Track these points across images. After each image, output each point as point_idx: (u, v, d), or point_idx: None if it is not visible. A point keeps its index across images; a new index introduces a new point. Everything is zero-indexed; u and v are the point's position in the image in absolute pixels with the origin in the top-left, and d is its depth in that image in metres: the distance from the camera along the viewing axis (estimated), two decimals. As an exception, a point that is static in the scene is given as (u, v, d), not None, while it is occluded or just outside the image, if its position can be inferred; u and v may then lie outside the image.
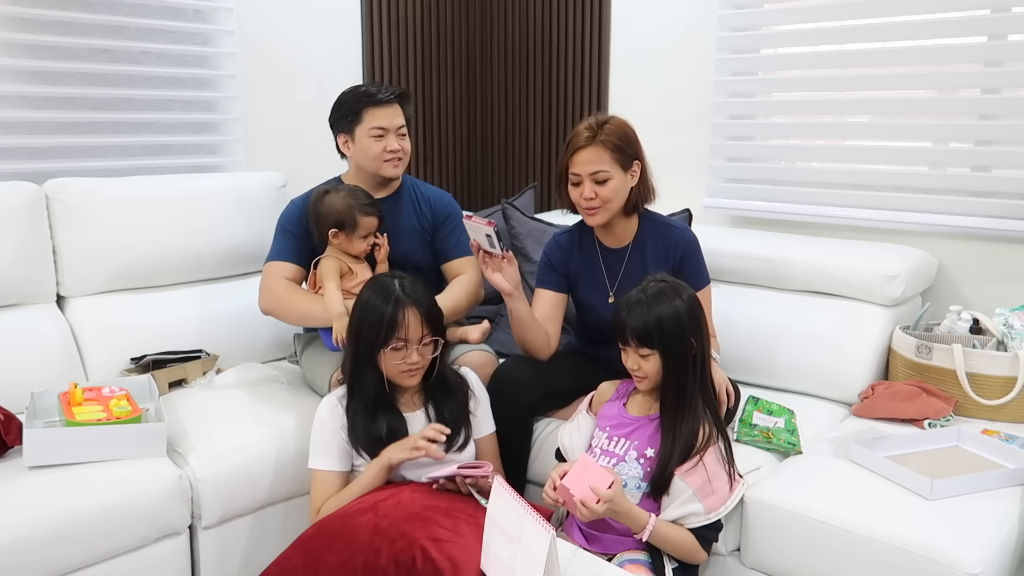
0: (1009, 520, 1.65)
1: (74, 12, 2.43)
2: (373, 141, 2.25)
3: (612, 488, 1.58)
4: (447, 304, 2.13)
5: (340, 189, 2.18)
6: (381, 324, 1.75)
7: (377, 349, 1.77)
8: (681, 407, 1.70)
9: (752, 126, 2.85)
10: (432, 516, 1.57)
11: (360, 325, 1.80)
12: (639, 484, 1.72)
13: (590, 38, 3.18)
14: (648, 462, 1.72)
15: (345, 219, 2.13)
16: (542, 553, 1.32)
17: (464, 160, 3.61)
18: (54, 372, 2.15)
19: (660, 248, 2.12)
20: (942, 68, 2.46)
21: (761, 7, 2.77)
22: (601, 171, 1.99)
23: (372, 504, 1.64)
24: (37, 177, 2.30)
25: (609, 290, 2.14)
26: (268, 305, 2.22)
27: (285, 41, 2.90)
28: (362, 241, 2.17)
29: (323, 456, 1.82)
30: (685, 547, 1.67)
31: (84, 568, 1.71)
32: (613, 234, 2.14)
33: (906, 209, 2.51)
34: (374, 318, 1.76)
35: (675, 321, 1.68)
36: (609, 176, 2.00)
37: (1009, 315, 2.17)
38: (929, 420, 2.06)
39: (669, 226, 2.16)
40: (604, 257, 2.15)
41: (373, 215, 2.16)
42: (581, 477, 1.60)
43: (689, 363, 1.71)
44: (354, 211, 2.13)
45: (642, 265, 2.11)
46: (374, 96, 2.26)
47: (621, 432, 1.78)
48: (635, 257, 2.13)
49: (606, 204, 2.02)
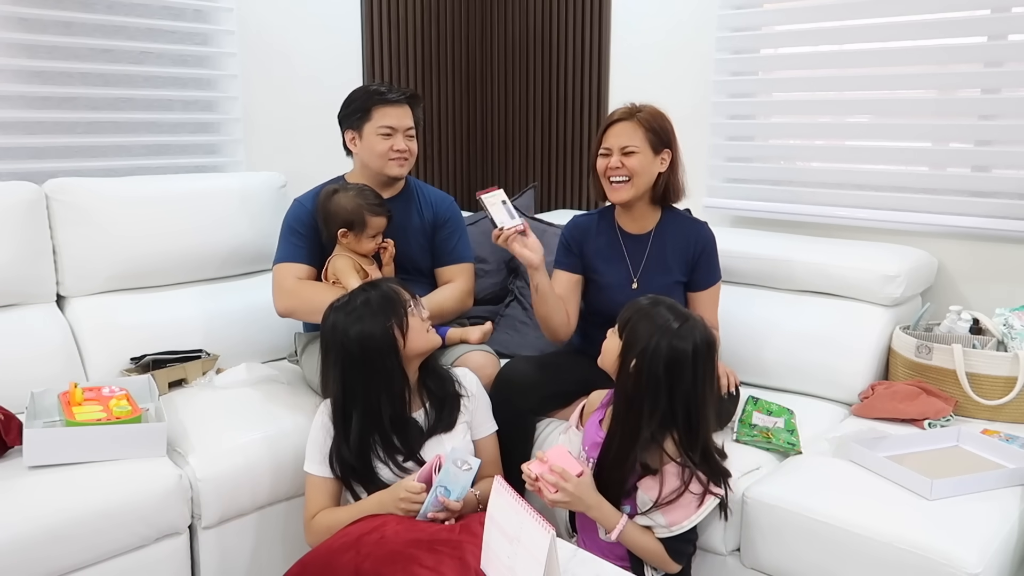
0: (1009, 520, 1.65)
1: (74, 12, 2.43)
2: (381, 139, 2.24)
3: (581, 477, 1.62)
4: (432, 306, 2.13)
5: (349, 188, 2.18)
6: None
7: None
8: (629, 434, 1.65)
9: (752, 126, 2.85)
10: (413, 553, 1.53)
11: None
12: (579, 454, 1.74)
13: (590, 38, 3.18)
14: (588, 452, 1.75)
15: (354, 219, 2.13)
16: (542, 553, 1.32)
17: (464, 160, 3.61)
18: (54, 372, 2.14)
19: (680, 241, 2.16)
20: (942, 68, 2.46)
21: (761, 7, 2.77)
22: (631, 145, 2.05)
23: (355, 539, 1.61)
24: (37, 177, 2.30)
25: (632, 275, 2.15)
26: (287, 305, 2.21)
27: (285, 41, 2.90)
28: (371, 241, 2.17)
29: (318, 461, 1.81)
30: (654, 555, 1.68)
31: (84, 568, 1.71)
32: (634, 219, 2.17)
33: (906, 209, 2.51)
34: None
35: (655, 350, 1.62)
36: (637, 151, 2.05)
37: (1009, 315, 2.17)
38: (929, 420, 2.06)
39: (691, 221, 2.22)
40: (625, 242, 2.18)
41: (382, 215, 2.16)
42: (556, 460, 1.65)
43: (645, 393, 1.63)
44: (363, 211, 2.13)
45: (664, 253, 2.15)
46: (385, 95, 2.26)
47: (595, 453, 1.75)
48: (657, 244, 2.16)
49: (633, 179, 2.06)
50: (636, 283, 2.15)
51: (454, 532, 1.60)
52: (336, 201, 2.15)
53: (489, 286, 2.80)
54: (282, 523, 2.04)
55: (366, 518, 1.69)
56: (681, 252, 2.15)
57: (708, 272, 2.17)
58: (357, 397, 1.76)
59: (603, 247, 2.18)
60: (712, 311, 2.19)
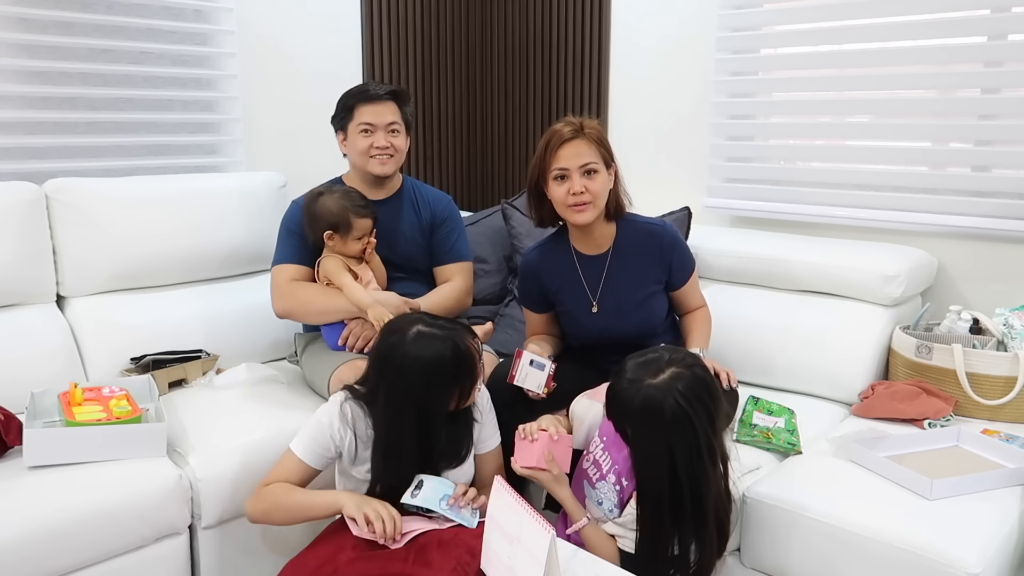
0: (1009, 520, 1.65)
1: (74, 12, 2.43)
2: (361, 137, 2.24)
3: (554, 472, 1.68)
4: (430, 305, 2.14)
5: (334, 191, 2.18)
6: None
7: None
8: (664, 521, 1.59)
9: (752, 126, 2.85)
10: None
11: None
12: (611, 509, 1.67)
13: (590, 38, 3.18)
14: (623, 491, 1.67)
15: (339, 221, 2.13)
16: (542, 553, 1.32)
17: (464, 160, 3.61)
18: (54, 372, 2.15)
19: (649, 253, 2.09)
20: (942, 68, 2.45)
21: (761, 7, 2.77)
22: (590, 163, 1.97)
23: (310, 572, 1.56)
24: (37, 177, 2.30)
25: (591, 299, 2.10)
26: (285, 307, 2.21)
27: (285, 41, 2.90)
28: (357, 243, 2.16)
29: (305, 446, 1.74)
30: (607, 559, 1.61)
31: (84, 568, 1.71)
32: (591, 240, 2.09)
33: (906, 209, 2.51)
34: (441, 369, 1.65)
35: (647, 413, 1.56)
36: (597, 168, 1.98)
37: (1009, 315, 2.17)
38: (929, 420, 2.06)
39: (651, 226, 2.13)
40: (582, 265, 2.11)
41: (367, 216, 2.15)
42: (549, 444, 1.70)
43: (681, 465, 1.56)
44: (348, 213, 2.13)
45: (625, 271, 2.09)
46: (366, 92, 2.26)
47: (612, 450, 1.71)
48: (616, 263, 2.09)
49: (595, 200, 1.98)
50: (595, 306, 2.09)
51: (407, 564, 1.55)
52: (321, 204, 2.15)
53: (489, 286, 2.81)
54: (282, 523, 2.04)
55: (324, 543, 1.64)
56: (655, 265, 2.09)
57: (683, 267, 2.13)
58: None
59: (560, 274, 2.12)
60: (696, 296, 2.20)
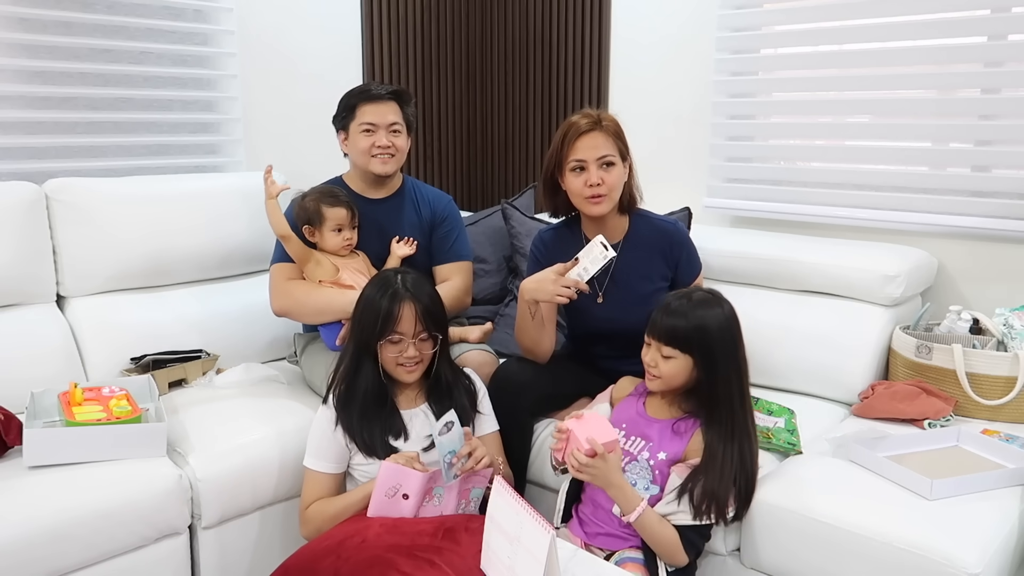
0: (1009, 520, 1.65)
1: (74, 12, 2.43)
2: (363, 136, 2.25)
3: (611, 451, 1.61)
4: None
5: (317, 189, 2.22)
6: (378, 317, 1.76)
7: (374, 341, 1.77)
8: (731, 434, 1.68)
9: (752, 126, 2.85)
10: (392, 559, 1.53)
11: (360, 318, 1.81)
12: (647, 486, 1.72)
13: (590, 38, 3.18)
14: (659, 464, 1.71)
15: (311, 214, 2.17)
16: (542, 553, 1.32)
17: (464, 160, 3.61)
18: (54, 372, 2.15)
19: (659, 249, 2.12)
20: (942, 68, 2.45)
21: (761, 7, 2.77)
22: (608, 155, 2.00)
23: (337, 543, 1.62)
24: (37, 177, 2.30)
25: (598, 289, 2.11)
26: (283, 306, 2.22)
27: (285, 41, 2.90)
28: (335, 235, 2.18)
29: (316, 456, 1.83)
30: (668, 543, 1.65)
31: (84, 568, 1.71)
32: (603, 231, 2.10)
33: (906, 209, 2.51)
34: (372, 310, 1.77)
35: (720, 330, 1.67)
36: (615, 161, 2.01)
37: (1009, 315, 2.17)
38: (929, 420, 2.06)
39: (663, 223, 2.16)
40: None
41: (339, 206, 2.18)
42: (587, 426, 1.63)
43: (733, 379, 1.69)
44: (319, 204, 2.16)
45: (634, 265, 2.10)
46: (368, 92, 2.26)
47: (636, 431, 1.77)
48: (626, 256, 2.10)
49: (611, 192, 2.01)
50: (601, 297, 2.10)
51: (436, 538, 1.59)
52: (300, 204, 2.20)
53: (489, 286, 2.81)
54: (282, 523, 2.04)
55: (351, 519, 1.71)
56: (661, 260, 2.11)
57: (690, 267, 2.14)
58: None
59: (569, 259, 2.11)
60: None
